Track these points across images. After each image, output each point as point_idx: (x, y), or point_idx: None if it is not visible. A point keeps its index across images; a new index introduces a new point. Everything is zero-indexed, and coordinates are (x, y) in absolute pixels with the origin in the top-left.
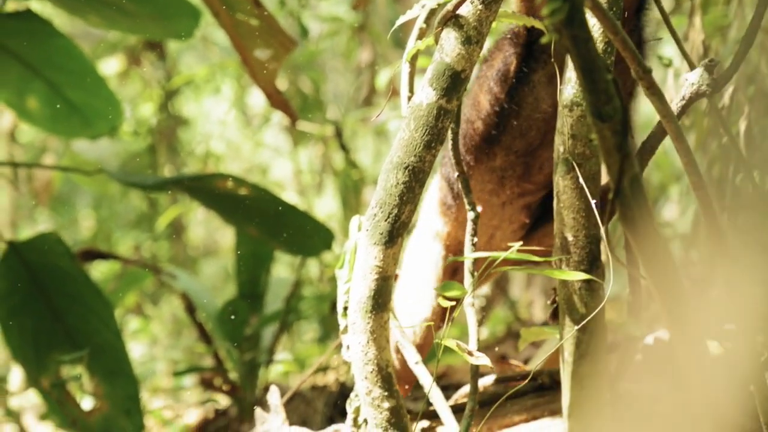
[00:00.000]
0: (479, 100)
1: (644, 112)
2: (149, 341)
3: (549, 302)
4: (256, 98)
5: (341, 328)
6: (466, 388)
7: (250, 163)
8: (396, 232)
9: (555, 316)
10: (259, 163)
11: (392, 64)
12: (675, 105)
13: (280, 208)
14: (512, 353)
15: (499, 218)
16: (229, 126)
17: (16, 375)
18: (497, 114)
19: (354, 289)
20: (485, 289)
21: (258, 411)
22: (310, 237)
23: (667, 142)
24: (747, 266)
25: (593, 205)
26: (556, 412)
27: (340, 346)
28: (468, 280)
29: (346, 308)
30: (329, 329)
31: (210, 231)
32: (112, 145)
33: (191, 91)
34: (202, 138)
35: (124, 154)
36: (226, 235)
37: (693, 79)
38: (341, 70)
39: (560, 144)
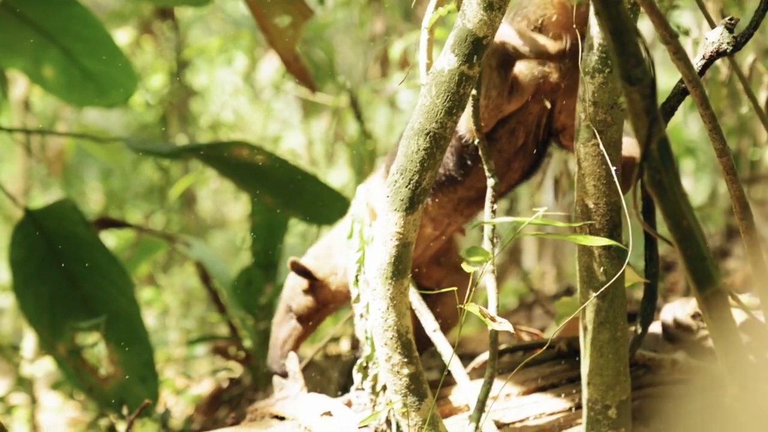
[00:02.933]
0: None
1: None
2: (161, 311)
3: None
4: (267, 71)
5: (353, 297)
6: (482, 357)
7: (261, 135)
8: (416, 198)
9: None
10: (270, 135)
11: (404, 37)
12: (695, 63)
13: (296, 176)
14: (525, 324)
15: (442, 229)
16: (240, 97)
17: (29, 343)
18: (463, 163)
19: (374, 255)
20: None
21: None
22: (326, 206)
23: (679, 116)
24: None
25: (614, 173)
26: (574, 379)
27: (362, 315)
28: (487, 246)
29: (357, 277)
30: None
31: (218, 204)
32: (123, 116)
33: (203, 63)
34: (213, 108)
35: (135, 124)
36: (234, 209)
37: (713, 37)
38: (350, 43)
39: (581, 111)
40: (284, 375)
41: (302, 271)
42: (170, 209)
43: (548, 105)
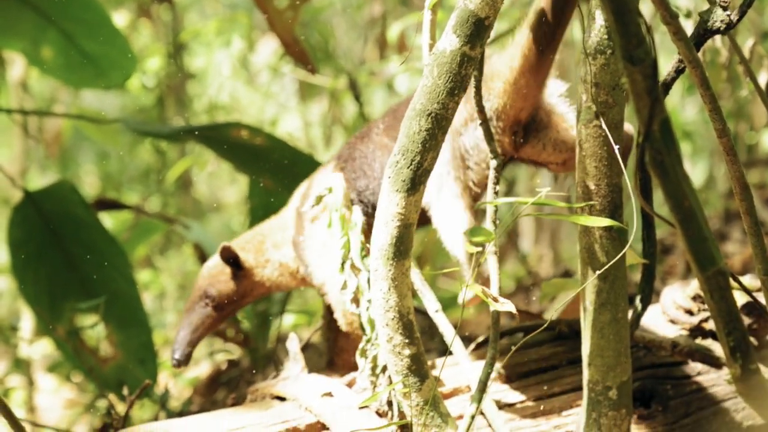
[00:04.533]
0: None
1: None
2: (158, 293)
3: None
4: (264, 53)
5: (339, 284)
6: (481, 338)
7: (258, 118)
8: (418, 179)
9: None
10: (267, 118)
11: (401, 20)
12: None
13: (295, 158)
14: (523, 307)
15: None
16: (237, 80)
17: (27, 326)
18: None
19: (375, 236)
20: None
21: (276, 359)
22: None
23: (675, 99)
24: None
25: (617, 153)
26: (574, 361)
27: (352, 301)
28: (491, 227)
29: (343, 263)
30: None
31: (213, 189)
32: (120, 98)
33: (199, 45)
34: (210, 91)
35: (131, 107)
36: (229, 193)
37: (707, 16)
38: (346, 26)
39: (583, 92)
40: (185, 362)
41: (232, 259)
42: (166, 192)
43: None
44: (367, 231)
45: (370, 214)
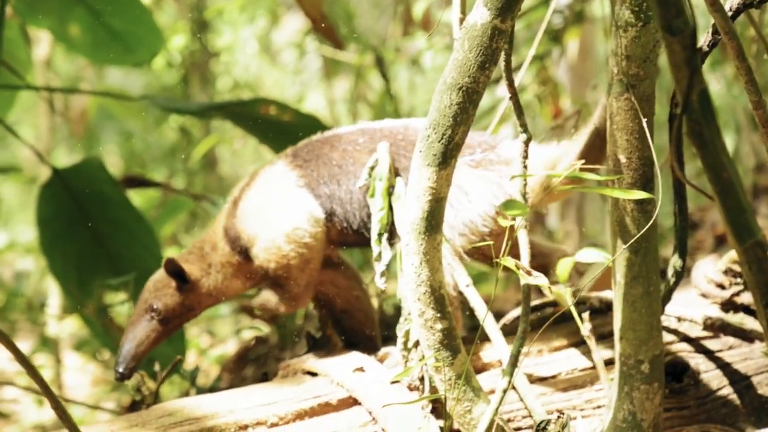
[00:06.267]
0: None
1: None
2: None
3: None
4: (287, 31)
5: (374, 255)
6: (512, 314)
7: (282, 96)
8: (449, 153)
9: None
10: (291, 95)
11: None
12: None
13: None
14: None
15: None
16: (260, 58)
17: (54, 304)
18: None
19: (407, 210)
20: None
21: (307, 335)
22: None
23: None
24: None
25: (645, 126)
26: (606, 335)
27: (383, 274)
28: (521, 201)
29: (380, 235)
30: (369, 258)
31: (235, 167)
32: (144, 77)
33: (224, 23)
34: (235, 69)
35: (155, 85)
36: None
37: None
38: (367, 5)
39: (614, 65)
40: (128, 376)
41: (176, 272)
42: (191, 171)
43: None
44: (329, 238)
45: (333, 223)
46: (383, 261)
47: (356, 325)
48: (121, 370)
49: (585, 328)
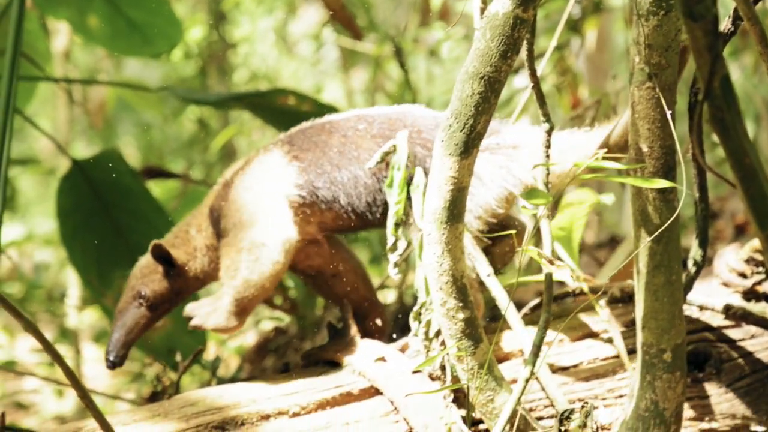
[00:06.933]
0: None
1: None
2: None
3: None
4: (304, 22)
5: (389, 245)
6: (532, 303)
7: (299, 87)
8: (471, 142)
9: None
10: (309, 86)
11: None
12: None
13: None
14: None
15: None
16: (277, 49)
17: (74, 294)
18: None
19: (428, 200)
20: None
21: (329, 325)
22: None
23: None
24: None
25: (668, 116)
26: (627, 324)
27: (397, 264)
28: (543, 190)
29: (397, 224)
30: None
31: None
32: (161, 68)
33: (241, 15)
34: (252, 60)
35: (174, 76)
36: None
37: None
38: None
39: (636, 54)
40: (120, 364)
41: (163, 257)
42: (209, 162)
43: None
44: (323, 225)
45: (333, 209)
46: (398, 251)
47: (354, 293)
48: (111, 358)
49: (604, 314)
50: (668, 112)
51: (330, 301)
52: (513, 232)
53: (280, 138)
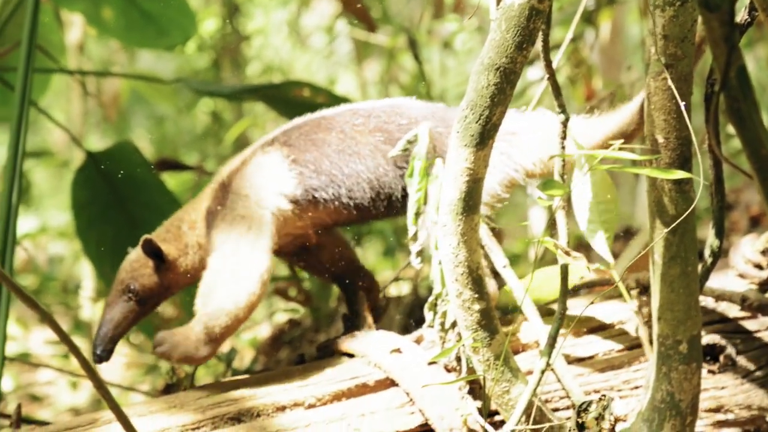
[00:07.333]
0: None
1: None
2: None
3: None
4: (317, 15)
5: (410, 234)
6: None
7: (312, 80)
8: (487, 133)
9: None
10: (321, 79)
11: None
12: None
13: None
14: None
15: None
16: (290, 42)
17: (88, 286)
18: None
19: (444, 191)
20: None
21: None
22: None
23: None
24: None
25: (683, 108)
26: (643, 315)
27: (419, 254)
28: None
29: (417, 215)
30: (402, 240)
31: None
32: (174, 61)
33: (255, 7)
34: (266, 52)
35: (187, 69)
36: None
37: None
38: None
39: (651, 45)
40: (107, 358)
41: (155, 252)
42: (222, 156)
43: None
44: (317, 222)
45: (334, 206)
46: (419, 241)
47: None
48: (98, 352)
49: (633, 304)
50: (682, 104)
51: (318, 276)
52: None
53: (277, 137)
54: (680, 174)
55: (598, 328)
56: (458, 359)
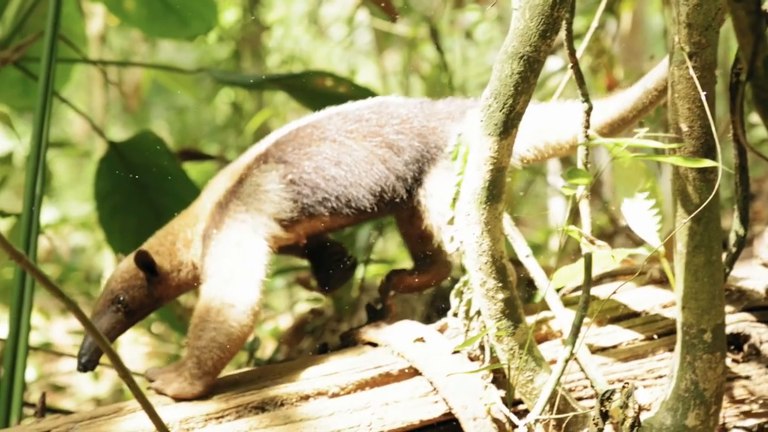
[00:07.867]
0: None
1: None
2: None
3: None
4: (337, 5)
5: (446, 219)
6: (571, 284)
7: (332, 70)
8: (511, 122)
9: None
10: (341, 69)
11: None
12: None
13: None
14: None
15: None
16: (310, 32)
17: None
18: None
19: (468, 180)
20: None
21: (367, 306)
22: None
23: None
24: None
25: (703, 97)
26: (667, 305)
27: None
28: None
29: (454, 200)
30: None
31: None
32: (195, 52)
33: None
34: (287, 43)
35: (207, 59)
36: None
37: None
38: None
39: (675, 33)
40: (91, 368)
41: (148, 266)
42: (244, 146)
43: None
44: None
45: (330, 216)
46: (456, 227)
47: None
48: (83, 361)
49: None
50: (702, 94)
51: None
52: None
53: (270, 150)
54: (706, 162)
55: (622, 317)
56: (482, 348)
